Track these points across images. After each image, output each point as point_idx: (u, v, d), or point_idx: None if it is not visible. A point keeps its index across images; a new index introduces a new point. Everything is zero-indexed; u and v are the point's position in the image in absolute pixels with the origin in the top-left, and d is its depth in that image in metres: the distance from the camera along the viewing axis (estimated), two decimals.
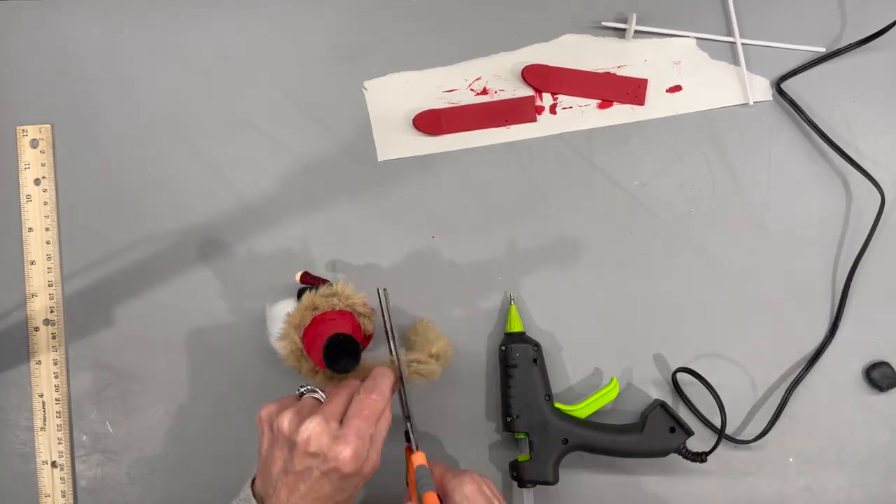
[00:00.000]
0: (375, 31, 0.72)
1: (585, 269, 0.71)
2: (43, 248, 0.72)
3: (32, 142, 0.72)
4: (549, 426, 0.65)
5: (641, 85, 0.71)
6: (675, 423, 0.65)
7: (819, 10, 0.71)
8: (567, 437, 0.65)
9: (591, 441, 0.65)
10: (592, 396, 0.67)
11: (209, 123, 0.72)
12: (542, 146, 0.71)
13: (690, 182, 0.71)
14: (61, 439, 0.72)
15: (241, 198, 0.72)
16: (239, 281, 0.71)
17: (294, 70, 0.72)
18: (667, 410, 0.66)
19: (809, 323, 0.70)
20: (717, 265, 0.71)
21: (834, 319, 0.70)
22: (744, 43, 0.71)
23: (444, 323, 0.71)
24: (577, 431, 0.65)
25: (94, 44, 0.73)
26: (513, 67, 0.71)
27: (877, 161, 0.70)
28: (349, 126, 0.72)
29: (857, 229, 0.70)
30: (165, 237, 0.72)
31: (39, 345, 0.72)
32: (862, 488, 0.70)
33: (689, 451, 0.66)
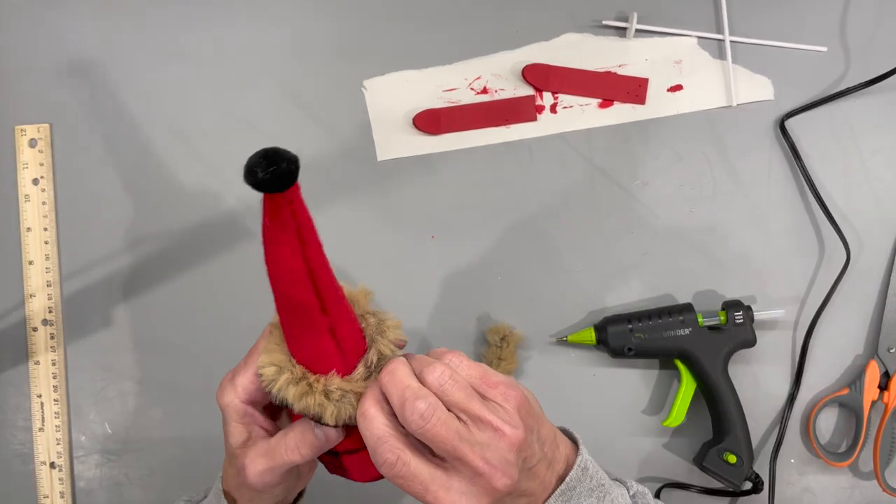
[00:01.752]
0: (375, 30, 0.72)
1: (585, 269, 0.71)
2: (41, 248, 0.72)
3: (31, 141, 0.72)
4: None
5: (642, 84, 0.71)
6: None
7: (819, 10, 0.71)
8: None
9: None
10: (676, 402, 0.67)
11: (209, 123, 0.72)
12: (543, 146, 0.71)
13: (690, 182, 0.71)
14: (60, 440, 0.72)
15: (241, 198, 0.72)
16: (239, 281, 0.71)
17: (294, 69, 0.72)
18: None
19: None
20: (717, 265, 0.70)
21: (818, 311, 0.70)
22: (742, 42, 0.70)
23: (444, 324, 0.71)
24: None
25: (94, 44, 0.73)
26: (513, 67, 0.71)
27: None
28: (349, 125, 0.72)
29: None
30: (165, 237, 0.72)
31: (38, 345, 0.72)
32: (862, 489, 0.70)
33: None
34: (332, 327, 0.43)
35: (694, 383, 0.67)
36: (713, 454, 0.65)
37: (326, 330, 0.43)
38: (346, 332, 0.44)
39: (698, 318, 0.66)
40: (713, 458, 0.65)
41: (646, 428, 0.70)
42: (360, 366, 0.44)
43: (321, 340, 0.43)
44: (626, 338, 0.66)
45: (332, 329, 0.43)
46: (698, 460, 0.67)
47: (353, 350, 0.44)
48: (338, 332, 0.43)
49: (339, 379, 0.43)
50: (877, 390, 0.68)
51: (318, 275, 0.41)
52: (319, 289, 0.41)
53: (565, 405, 0.70)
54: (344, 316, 0.44)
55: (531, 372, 0.71)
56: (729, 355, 0.66)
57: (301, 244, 0.40)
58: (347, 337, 0.44)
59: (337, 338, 0.43)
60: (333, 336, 0.43)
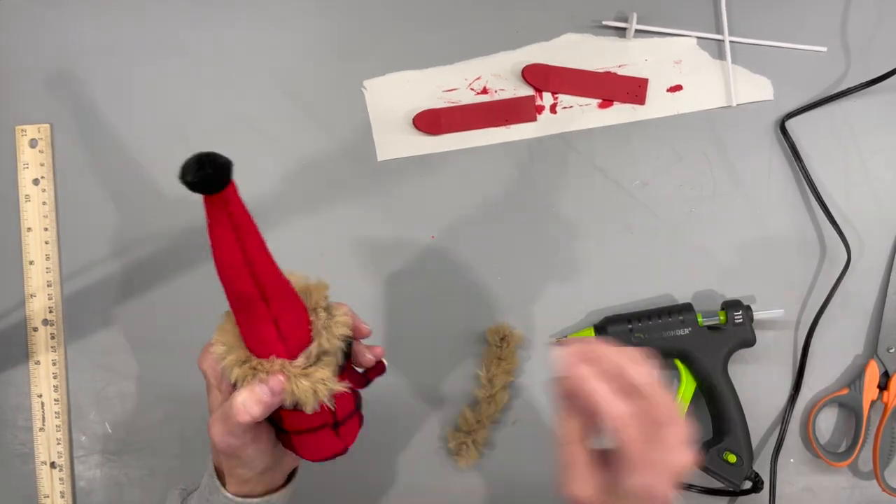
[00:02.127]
0: (375, 30, 0.72)
1: (585, 269, 0.71)
2: (42, 248, 0.72)
3: (31, 141, 0.72)
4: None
5: (642, 84, 0.71)
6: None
7: (819, 10, 0.71)
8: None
9: None
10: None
11: (209, 123, 0.72)
12: (542, 146, 0.71)
13: (690, 182, 0.71)
14: (60, 440, 0.72)
15: (241, 198, 0.71)
16: None
17: (294, 70, 0.72)
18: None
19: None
20: (717, 265, 0.70)
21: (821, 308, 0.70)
22: (742, 42, 0.70)
23: (444, 324, 0.71)
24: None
25: (94, 44, 0.73)
26: (513, 67, 0.71)
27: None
28: (349, 126, 0.72)
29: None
30: (165, 237, 0.72)
31: (38, 345, 0.72)
32: (862, 489, 0.70)
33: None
34: (275, 318, 0.45)
35: (693, 383, 0.67)
36: (713, 454, 0.65)
37: (270, 320, 0.45)
38: (290, 323, 0.46)
39: (698, 318, 0.66)
40: (713, 457, 0.65)
41: None
42: (301, 356, 0.46)
43: (264, 329, 0.45)
44: (626, 338, 0.66)
45: (276, 319, 0.45)
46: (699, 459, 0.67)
47: (297, 340, 0.47)
48: (281, 321, 0.45)
49: (279, 363, 0.46)
50: (876, 390, 0.68)
51: (257, 268, 0.44)
52: (260, 281, 0.44)
53: None
54: (289, 307, 0.46)
55: (531, 372, 0.71)
56: (729, 355, 0.66)
57: (238, 240, 0.43)
58: (292, 327, 0.46)
59: (280, 328, 0.46)
60: (276, 326, 0.45)
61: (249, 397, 0.46)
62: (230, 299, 0.45)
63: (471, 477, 0.71)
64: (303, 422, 0.49)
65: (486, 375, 0.69)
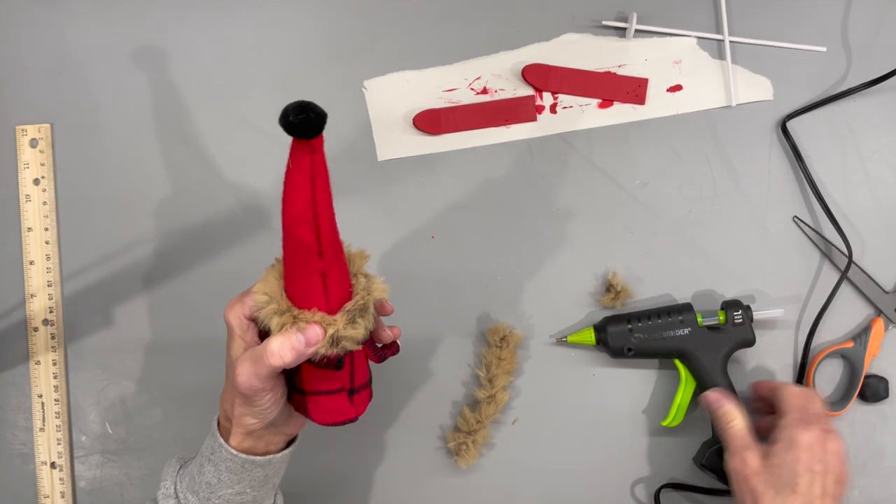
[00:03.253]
0: (375, 30, 0.72)
1: (585, 270, 0.71)
2: (42, 248, 0.72)
3: (32, 141, 0.72)
4: None
5: (642, 84, 0.71)
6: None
7: (819, 10, 0.71)
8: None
9: None
10: (675, 402, 0.68)
11: (209, 123, 0.72)
12: (542, 146, 0.71)
13: (690, 182, 0.71)
14: (60, 440, 0.72)
15: (241, 198, 0.72)
16: (239, 281, 0.71)
17: (294, 69, 0.72)
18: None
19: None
20: (717, 265, 0.70)
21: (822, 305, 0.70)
22: (742, 42, 0.70)
23: (444, 324, 0.71)
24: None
25: (94, 44, 0.73)
26: (513, 67, 0.71)
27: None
28: (349, 126, 0.72)
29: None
30: (165, 237, 0.72)
31: (38, 345, 0.72)
32: (862, 489, 0.70)
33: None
34: (324, 272, 0.48)
35: (694, 383, 0.67)
36: (713, 454, 0.65)
37: (318, 272, 0.48)
38: (336, 280, 0.49)
39: (698, 318, 0.66)
40: (713, 457, 0.65)
41: (646, 428, 0.70)
42: (340, 313, 0.49)
43: (312, 280, 0.48)
44: (626, 338, 0.66)
45: (324, 274, 0.48)
46: (698, 460, 0.67)
47: (339, 298, 0.49)
48: (329, 277, 0.48)
49: (320, 315, 0.48)
50: (879, 346, 0.68)
51: (322, 221, 0.46)
52: (321, 234, 0.47)
53: (565, 405, 0.70)
54: (337, 265, 0.49)
55: (531, 372, 0.71)
56: (728, 355, 0.66)
57: (313, 190, 0.46)
58: (336, 285, 0.49)
59: (326, 283, 0.48)
60: (324, 280, 0.48)
61: (285, 343, 0.48)
62: (288, 246, 0.48)
63: (471, 477, 0.71)
64: (322, 382, 0.51)
65: (486, 375, 0.69)
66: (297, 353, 0.48)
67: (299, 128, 0.43)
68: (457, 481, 0.71)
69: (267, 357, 0.48)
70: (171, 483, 0.57)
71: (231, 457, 0.53)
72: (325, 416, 0.53)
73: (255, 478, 0.55)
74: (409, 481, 0.71)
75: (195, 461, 0.57)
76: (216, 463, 0.54)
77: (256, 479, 0.55)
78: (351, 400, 0.53)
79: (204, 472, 0.55)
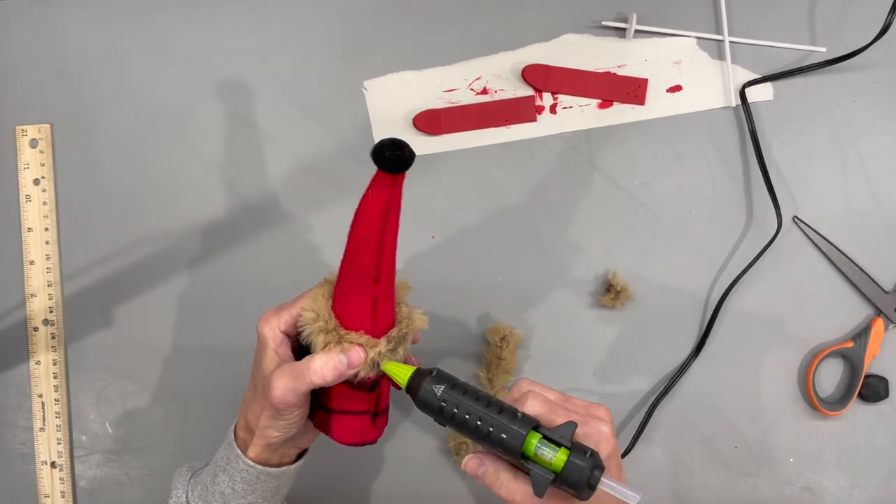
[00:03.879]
0: (375, 31, 0.72)
1: (585, 270, 0.71)
2: (42, 248, 0.72)
3: (32, 142, 0.72)
4: None
5: (641, 85, 0.71)
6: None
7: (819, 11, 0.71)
8: None
9: None
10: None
11: (209, 123, 0.72)
12: (542, 146, 0.71)
13: (690, 182, 0.71)
14: (61, 440, 0.72)
15: (241, 198, 0.72)
16: (239, 281, 0.71)
17: (294, 70, 0.72)
18: None
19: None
20: (717, 265, 0.70)
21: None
22: (742, 42, 0.70)
23: (444, 323, 0.71)
24: None
25: (94, 44, 0.73)
26: (513, 67, 0.71)
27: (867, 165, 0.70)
28: (349, 126, 0.72)
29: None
30: (165, 237, 0.72)
31: (39, 345, 0.72)
32: (862, 489, 0.70)
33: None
34: (375, 298, 0.49)
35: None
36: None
37: (371, 298, 0.49)
38: (384, 308, 0.50)
39: (529, 444, 0.44)
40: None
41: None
42: (384, 339, 0.50)
43: (363, 304, 0.50)
44: (434, 402, 0.47)
45: (376, 300, 0.50)
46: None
47: (385, 324, 0.51)
48: (379, 304, 0.50)
49: (366, 338, 0.50)
50: (879, 346, 0.68)
51: (385, 251, 0.48)
52: (382, 262, 0.48)
53: None
54: (388, 294, 0.51)
55: (531, 372, 0.71)
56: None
57: (384, 221, 0.48)
58: (384, 312, 0.51)
59: (376, 309, 0.50)
60: (374, 305, 0.50)
61: (328, 362, 0.49)
62: (348, 269, 0.49)
63: (471, 477, 0.71)
64: (351, 402, 0.53)
65: (486, 375, 0.69)
66: (339, 373, 0.49)
67: (392, 163, 0.45)
68: (457, 481, 0.71)
69: (309, 374, 0.49)
70: (182, 492, 0.56)
71: (247, 468, 0.53)
72: (348, 435, 0.54)
73: (268, 489, 0.55)
74: (409, 481, 0.71)
75: (207, 470, 0.57)
76: (231, 473, 0.54)
77: (269, 489, 0.55)
78: (373, 423, 0.54)
79: (218, 482, 0.54)
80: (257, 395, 0.53)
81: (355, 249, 0.48)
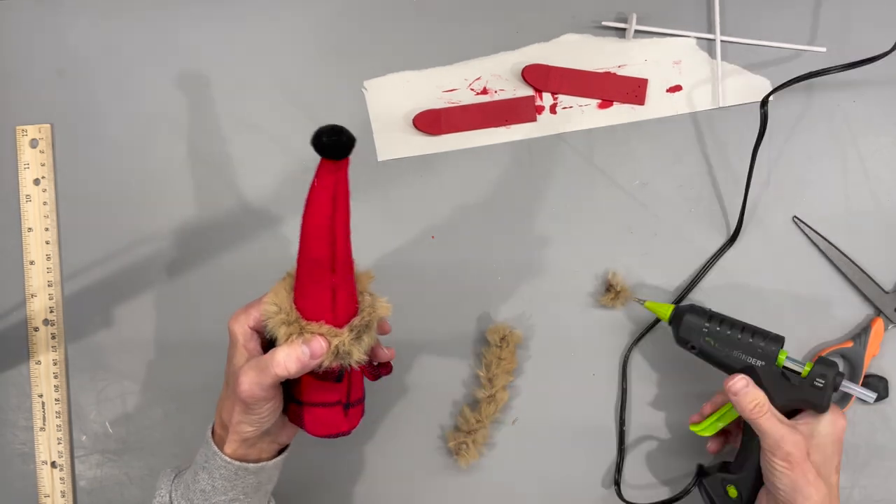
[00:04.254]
0: (375, 30, 0.72)
1: (585, 270, 0.71)
2: (42, 248, 0.72)
3: (32, 142, 0.72)
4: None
5: (641, 85, 0.71)
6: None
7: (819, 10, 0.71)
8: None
9: None
10: (715, 416, 0.64)
11: (209, 123, 0.72)
12: (542, 146, 0.71)
13: (690, 182, 0.71)
14: (61, 439, 0.72)
15: (241, 198, 0.72)
16: (239, 281, 0.71)
17: (294, 70, 0.72)
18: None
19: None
20: (716, 265, 0.70)
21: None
22: (742, 43, 0.70)
23: (444, 324, 0.71)
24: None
25: (94, 44, 0.73)
26: (513, 67, 0.71)
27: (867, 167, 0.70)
28: (349, 126, 0.71)
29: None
30: (165, 237, 0.72)
31: (39, 345, 0.72)
32: (863, 489, 0.70)
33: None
34: (334, 287, 0.50)
35: (737, 413, 0.61)
36: (717, 479, 0.63)
37: (329, 287, 0.49)
38: (344, 296, 0.50)
39: (780, 355, 0.60)
40: (715, 482, 0.63)
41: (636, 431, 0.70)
42: (346, 328, 0.51)
43: (322, 294, 0.50)
44: (697, 334, 0.62)
45: (335, 289, 0.50)
46: (700, 474, 0.65)
47: (346, 313, 0.51)
48: (338, 293, 0.50)
49: (327, 328, 0.50)
50: (879, 346, 0.68)
51: (338, 239, 0.48)
52: (336, 251, 0.48)
53: (565, 405, 0.70)
54: (347, 282, 0.50)
55: (531, 372, 0.71)
56: (791, 411, 0.61)
57: (333, 208, 0.47)
58: (344, 300, 0.51)
59: (336, 297, 0.50)
60: (333, 295, 0.50)
61: (291, 354, 0.50)
62: (303, 260, 0.49)
63: (471, 476, 0.71)
64: (321, 394, 0.53)
65: (486, 375, 0.69)
66: (302, 364, 0.50)
67: (330, 149, 0.44)
68: (457, 481, 0.71)
69: (272, 367, 0.49)
70: (165, 492, 0.58)
71: (225, 464, 0.54)
72: (320, 427, 0.55)
73: (248, 484, 0.56)
74: (409, 481, 0.71)
75: (190, 470, 0.58)
76: (210, 470, 0.55)
77: (249, 485, 0.56)
78: (346, 413, 0.55)
79: (198, 480, 0.55)
80: (229, 392, 0.54)
81: (308, 240, 0.48)
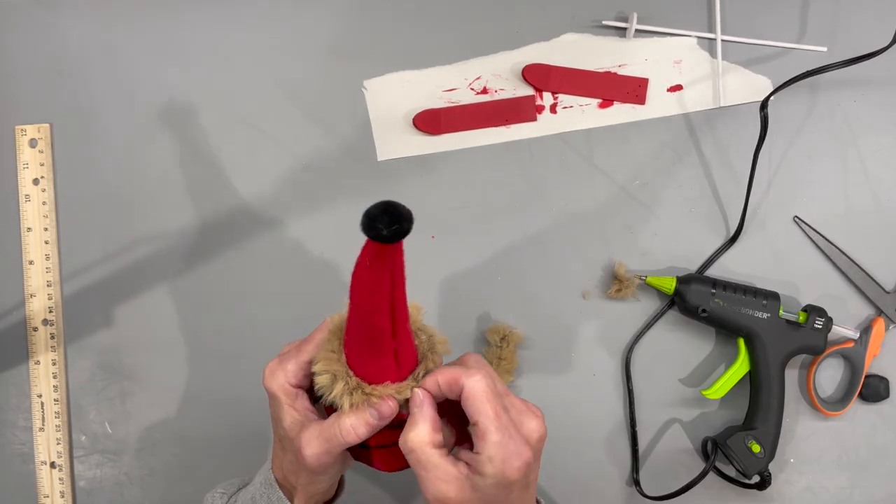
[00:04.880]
0: (375, 30, 0.72)
1: (585, 270, 0.71)
2: (42, 247, 0.72)
3: (31, 141, 0.72)
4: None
5: (642, 84, 0.71)
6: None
7: (820, 10, 0.71)
8: None
9: None
10: (725, 376, 0.68)
11: (209, 123, 0.72)
12: (542, 146, 0.71)
13: (690, 182, 0.71)
14: (60, 440, 0.72)
15: (241, 198, 0.72)
16: (238, 281, 0.71)
17: (294, 69, 0.72)
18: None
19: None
20: (717, 265, 0.70)
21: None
22: (742, 42, 0.70)
23: (444, 324, 0.71)
24: None
25: (94, 44, 0.73)
26: (513, 67, 0.71)
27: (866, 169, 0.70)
28: (349, 126, 0.72)
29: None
30: (165, 237, 0.72)
31: (38, 345, 0.72)
32: (863, 489, 0.70)
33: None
34: (396, 349, 0.47)
35: (748, 367, 0.67)
36: (739, 438, 0.66)
37: (391, 352, 0.47)
38: (406, 353, 0.48)
39: (780, 309, 0.67)
40: (738, 441, 0.66)
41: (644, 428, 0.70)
42: (411, 378, 0.48)
43: (386, 360, 0.47)
44: (706, 299, 0.66)
45: (396, 351, 0.47)
46: (722, 438, 0.67)
47: (408, 365, 0.48)
48: (400, 353, 0.47)
49: (393, 388, 0.47)
50: (880, 346, 0.69)
51: (397, 308, 0.45)
52: (396, 320, 0.45)
53: (563, 405, 0.70)
54: (407, 338, 0.48)
55: (531, 372, 0.71)
56: (792, 354, 0.67)
57: (392, 285, 0.43)
58: (406, 356, 0.48)
59: (398, 358, 0.47)
60: (396, 357, 0.47)
61: (359, 420, 0.47)
62: (360, 332, 0.46)
63: None
64: (388, 438, 0.50)
65: None
66: (372, 427, 0.47)
67: (391, 239, 0.39)
68: None
69: (342, 436, 0.47)
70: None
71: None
72: (392, 464, 0.52)
73: None
74: (408, 480, 0.71)
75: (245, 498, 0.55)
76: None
77: None
78: None
79: None
80: (288, 455, 0.51)
81: (366, 315, 0.44)
